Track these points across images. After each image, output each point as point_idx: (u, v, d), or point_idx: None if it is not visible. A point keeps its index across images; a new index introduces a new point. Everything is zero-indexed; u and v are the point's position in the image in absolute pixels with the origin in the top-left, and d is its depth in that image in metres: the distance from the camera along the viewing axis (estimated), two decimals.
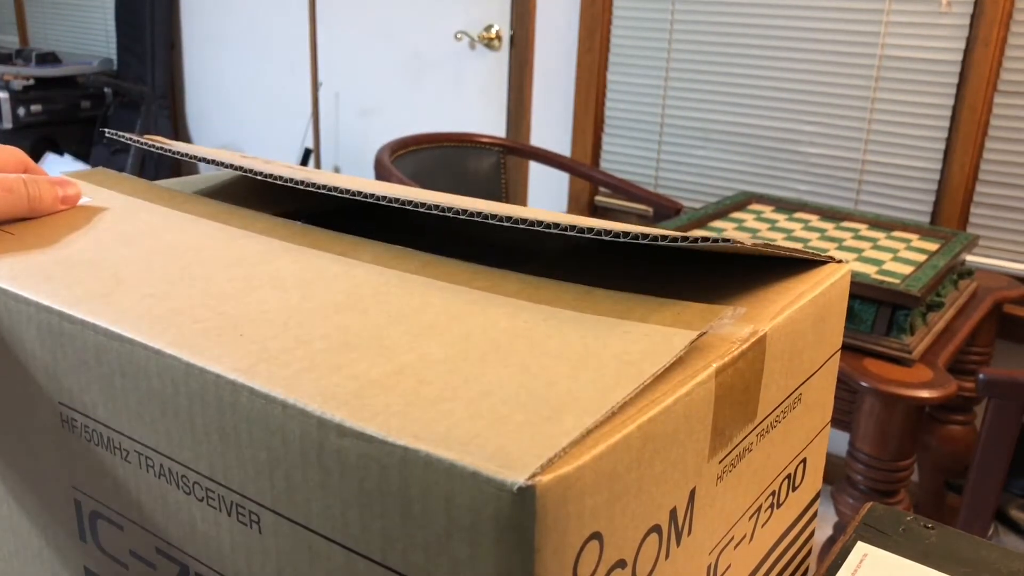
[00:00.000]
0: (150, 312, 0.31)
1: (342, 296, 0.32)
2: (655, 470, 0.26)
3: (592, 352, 0.28)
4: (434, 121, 2.60)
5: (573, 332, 0.29)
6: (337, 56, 2.78)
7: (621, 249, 0.41)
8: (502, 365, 0.27)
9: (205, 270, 0.35)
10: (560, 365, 0.27)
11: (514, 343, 0.28)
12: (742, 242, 0.32)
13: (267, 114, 3.05)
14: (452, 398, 0.25)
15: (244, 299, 0.32)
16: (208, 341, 0.29)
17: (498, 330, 0.29)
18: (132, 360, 0.30)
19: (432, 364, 0.27)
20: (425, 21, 2.56)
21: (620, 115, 2.24)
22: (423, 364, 0.27)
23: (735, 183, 2.10)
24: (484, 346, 0.28)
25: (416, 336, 0.29)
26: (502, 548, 0.22)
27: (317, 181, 0.40)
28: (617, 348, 0.28)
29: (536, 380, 0.26)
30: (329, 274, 0.35)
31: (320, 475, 0.25)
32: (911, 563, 0.40)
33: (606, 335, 0.29)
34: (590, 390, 0.25)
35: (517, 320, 0.30)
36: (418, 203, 0.36)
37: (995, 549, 0.42)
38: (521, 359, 0.27)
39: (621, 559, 0.25)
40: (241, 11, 3.03)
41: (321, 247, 0.38)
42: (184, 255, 0.37)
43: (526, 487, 0.21)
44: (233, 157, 0.47)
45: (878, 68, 1.87)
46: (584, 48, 2.26)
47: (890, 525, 0.43)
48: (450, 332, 0.29)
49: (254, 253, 0.37)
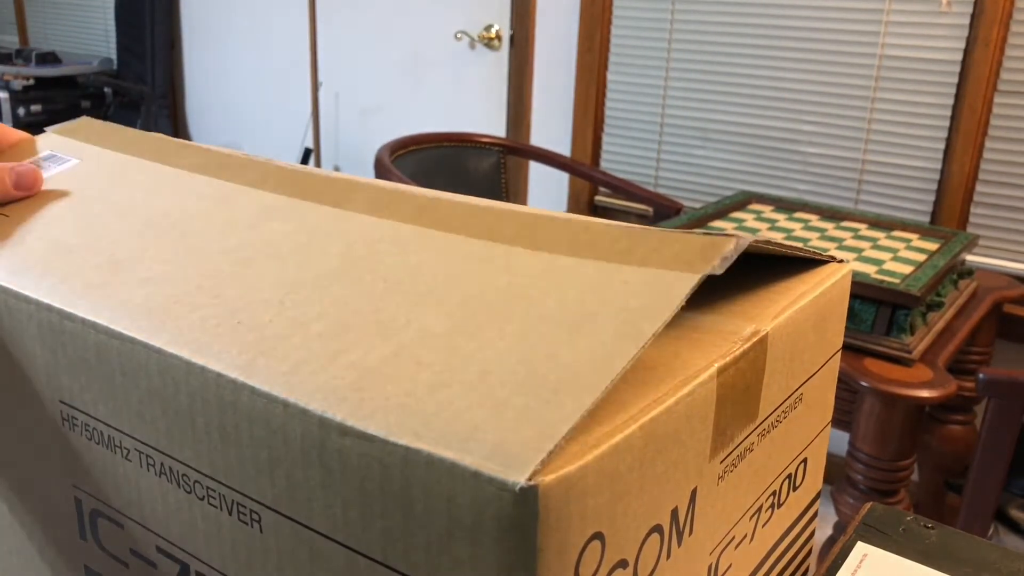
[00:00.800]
0: (149, 303, 0.31)
1: (336, 261, 0.32)
2: (657, 470, 0.26)
3: (590, 311, 0.27)
4: (434, 121, 2.60)
5: (571, 288, 0.28)
6: (337, 56, 2.78)
7: None
8: (500, 336, 0.27)
9: (199, 242, 0.35)
10: (558, 331, 0.26)
11: (511, 307, 0.28)
12: (745, 237, 0.32)
13: (267, 114, 3.05)
14: (451, 382, 0.25)
15: (239, 277, 0.32)
16: (206, 334, 0.29)
17: (495, 292, 0.29)
18: (133, 358, 0.30)
19: (429, 340, 0.27)
20: (425, 21, 2.56)
21: (620, 115, 2.24)
22: (420, 341, 0.27)
23: (735, 183, 2.10)
24: (481, 314, 0.28)
25: (413, 306, 0.29)
26: (504, 548, 0.22)
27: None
28: (616, 304, 0.27)
29: (534, 352, 0.26)
30: (322, 234, 0.34)
31: (321, 474, 0.25)
32: (911, 563, 0.40)
33: (604, 289, 0.28)
34: (589, 361, 0.25)
35: (514, 277, 0.30)
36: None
37: (995, 549, 0.42)
38: (519, 326, 0.27)
39: (623, 559, 0.25)
40: (241, 11, 3.02)
41: (312, 197, 0.37)
42: (177, 225, 0.36)
43: (528, 487, 0.21)
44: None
45: (878, 68, 1.87)
46: (584, 48, 2.26)
47: (890, 525, 0.43)
48: (447, 298, 0.29)
49: (246, 214, 0.36)
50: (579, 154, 2.32)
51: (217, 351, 0.28)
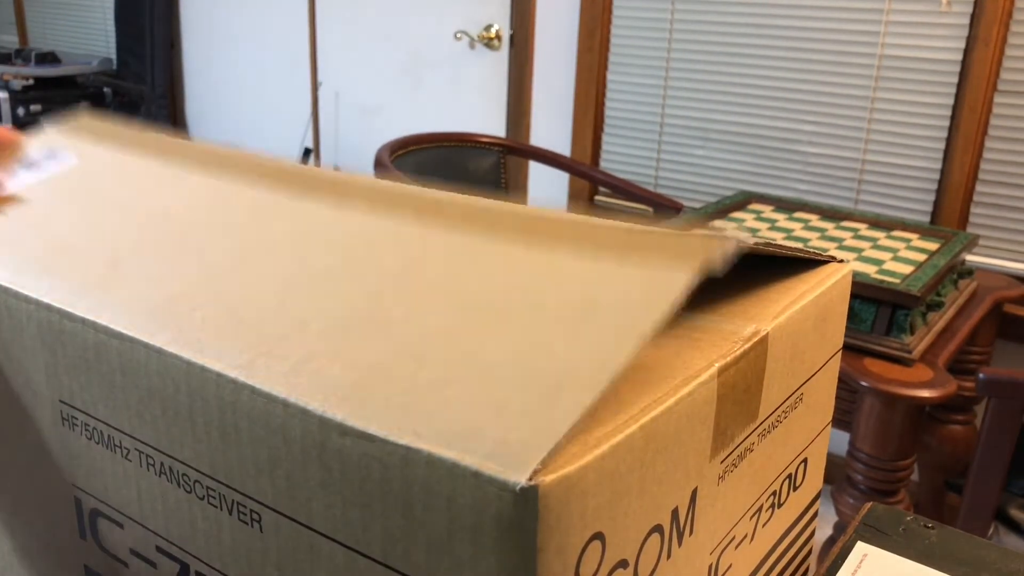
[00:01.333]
0: (148, 302, 0.31)
1: (335, 259, 0.32)
2: (657, 470, 0.26)
3: (589, 310, 0.27)
4: (434, 121, 2.60)
5: (570, 287, 0.28)
6: (337, 56, 2.78)
7: None
8: (499, 335, 0.27)
9: (199, 240, 0.34)
10: (557, 329, 0.26)
11: (511, 305, 0.28)
12: (749, 241, 0.32)
13: (267, 114, 3.05)
14: (451, 381, 0.25)
15: (239, 273, 0.32)
16: (206, 334, 0.29)
17: (495, 290, 0.29)
18: (132, 358, 0.30)
19: (429, 338, 0.27)
20: (425, 21, 2.56)
21: (620, 115, 2.24)
22: (420, 339, 0.27)
23: (735, 183, 2.10)
24: (481, 312, 0.28)
25: (412, 304, 0.29)
26: (504, 548, 0.22)
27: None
28: (615, 303, 0.27)
29: (534, 349, 0.26)
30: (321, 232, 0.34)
31: (321, 474, 0.25)
32: (911, 563, 0.40)
33: (604, 288, 0.28)
34: (588, 357, 0.25)
35: (514, 276, 0.29)
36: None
37: (995, 549, 0.42)
38: (519, 325, 0.27)
39: (623, 559, 0.25)
40: (241, 11, 3.02)
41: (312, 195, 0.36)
42: (178, 223, 0.36)
43: (528, 487, 0.21)
44: None
45: (878, 68, 1.87)
46: (584, 48, 2.25)
47: (890, 525, 0.43)
48: (446, 297, 0.29)
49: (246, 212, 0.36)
50: (579, 154, 2.32)
51: (216, 350, 0.28)
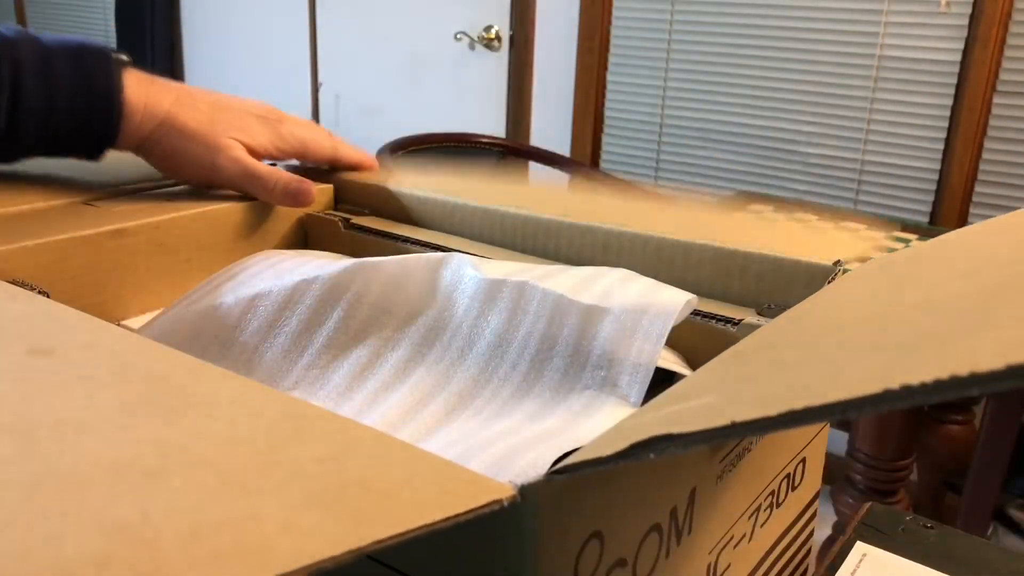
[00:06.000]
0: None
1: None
2: (656, 469, 0.26)
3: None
4: (434, 121, 2.60)
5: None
6: (337, 56, 2.78)
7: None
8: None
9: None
10: None
11: None
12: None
13: None
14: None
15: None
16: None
17: None
18: None
19: None
20: (425, 21, 2.56)
21: (620, 115, 2.24)
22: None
23: (735, 183, 2.10)
24: None
25: None
26: (503, 547, 0.22)
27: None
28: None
29: None
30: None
31: None
32: (910, 563, 0.40)
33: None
34: None
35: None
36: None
37: (995, 549, 0.42)
38: None
39: (621, 558, 0.25)
40: (242, 11, 3.02)
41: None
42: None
43: (528, 486, 0.21)
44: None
45: (877, 68, 1.87)
46: (584, 48, 2.26)
47: (889, 525, 0.43)
48: None
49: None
50: (579, 154, 2.32)
51: None
